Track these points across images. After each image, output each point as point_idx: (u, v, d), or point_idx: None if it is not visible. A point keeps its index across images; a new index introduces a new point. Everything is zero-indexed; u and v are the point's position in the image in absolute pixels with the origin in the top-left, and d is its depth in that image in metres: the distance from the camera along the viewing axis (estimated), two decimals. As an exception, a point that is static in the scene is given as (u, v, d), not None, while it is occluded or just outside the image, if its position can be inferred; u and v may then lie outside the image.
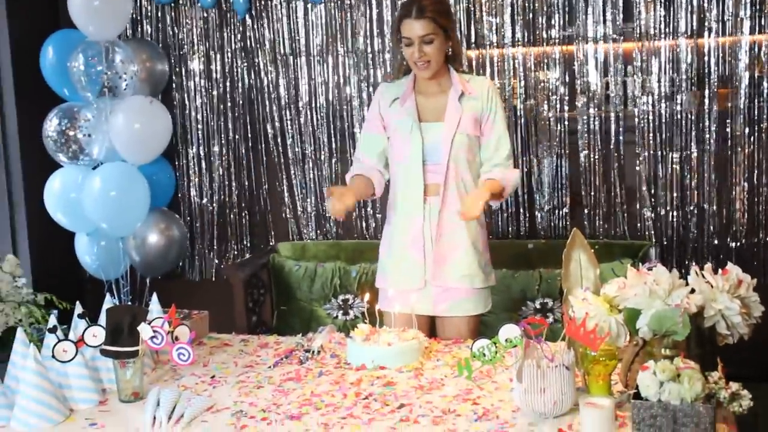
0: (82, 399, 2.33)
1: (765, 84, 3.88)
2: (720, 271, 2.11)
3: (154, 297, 2.75)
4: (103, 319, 2.46)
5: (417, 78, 2.95)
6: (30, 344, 2.32)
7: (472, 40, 4.12)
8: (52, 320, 2.44)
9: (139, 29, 4.52)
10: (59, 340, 2.34)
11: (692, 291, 2.04)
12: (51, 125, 3.98)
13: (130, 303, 4.24)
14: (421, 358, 2.53)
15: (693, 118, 3.94)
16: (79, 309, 2.51)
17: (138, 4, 4.47)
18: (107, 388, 2.43)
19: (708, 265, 2.13)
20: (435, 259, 2.92)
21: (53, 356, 2.32)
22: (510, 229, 4.18)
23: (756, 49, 3.86)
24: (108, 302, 2.60)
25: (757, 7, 3.82)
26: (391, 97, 2.98)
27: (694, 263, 3.86)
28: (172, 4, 4.45)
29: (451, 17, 2.90)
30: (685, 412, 1.81)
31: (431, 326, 3.02)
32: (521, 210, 4.16)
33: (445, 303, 2.94)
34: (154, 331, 2.38)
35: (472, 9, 4.09)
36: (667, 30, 3.92)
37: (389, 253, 3.03)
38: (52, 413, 2.21)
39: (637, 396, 1.89)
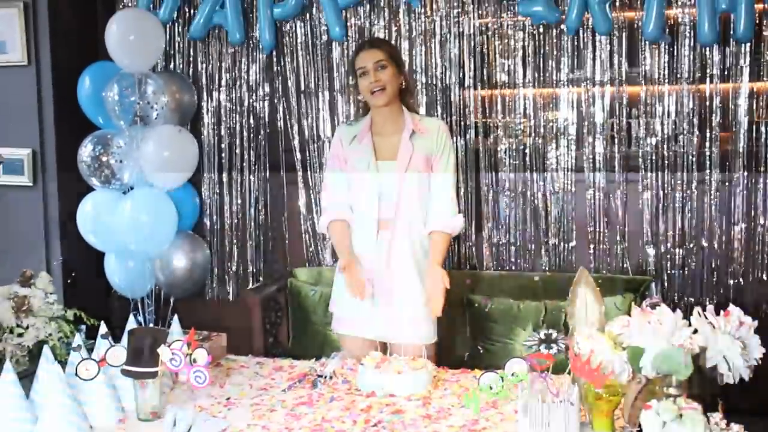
0: (102, 417, 2.28)
1: (763, 129, 3.80)
2: (722, 312, 2.03)
3: (175, 318, 2.70)
4: (125, 339, 2.41)
5: (373, 119, 2.99)
6: (54, 362, 2.28)
7: (485, 80, 4.07)
8: (77, 339, 2.41)
9: (172, 62, 4.49)
10: (82, 359, 2.30)
11: (695, 331, 1.97)
12: (86, 151, 3.95)
13: (154, 321, 4.19)
14: (429, 386, 2.46)
15: (694, 159, 3.87)
16: (103, 329, 2.47)
17: (171, 38, 4.45)
18: (126, 406, 2.38)
19: (710, 307, 2.06)
20: (384, 290, 2.92)
21: (76, 374, 2.28)
22: (517, 261, 4.10)
23: (755, 96, 3.79)
24: (131, 323, 2.55)
25: (756, 56, 3.75)
26: (350, 136, 3.01)
27: (696, 302, 3.82)
28: (204, 40, 4.42)
29: (400, 55, 3.12)
30: (687, 453, 1.74)
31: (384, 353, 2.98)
32: (529, 243, 4.09)
33: (393, 330, 2.92)
34: (173, 354, 2.33)
35: (486, 52, 4.05)
36: (670, 75, 3.86)
37: (342, 280, 3.01)
38: (72, 430, 2.16)
39: (640, 434, 1.82)
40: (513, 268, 4.10)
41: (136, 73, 3.92)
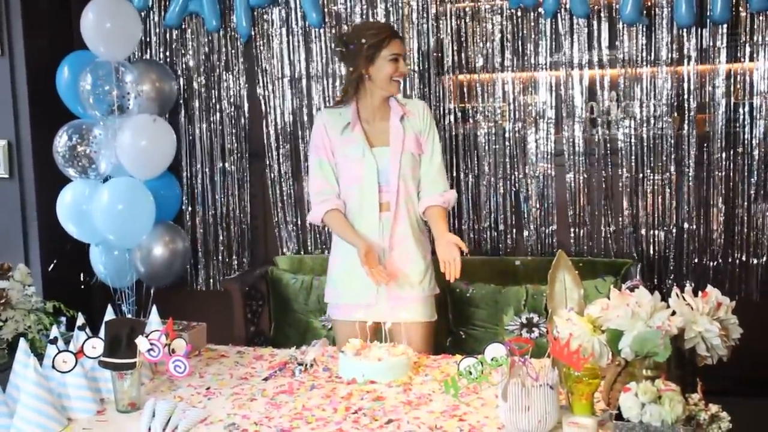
0: (80, 409, 2.26)
1: (741, 110, 3.81)
2: (700, 293, 2.02)
3: (154, 309, 2.67)
4: (103, 331, 2.38)
5: (361, 106, 2.98)
6: (30, 355, 2.24)
7: (464, 64, 4.04)
8: (54, 331, 2.37)
9: (149, 51, 4.43)
10: (59, 351, 2.27)
11: (673, 313, 1.96)
12: (61, 141, 3.90)
13: (135, 311, 4.16)
14: (410, 372, 2.45)
15: (673, 141, 3.87)
16: (80, 321, 2.44)
17: (149, 27, 4.39)
18: (105, 398, 2.36)
19: (688, 288, 2.05)
20: (388, 272, 2.88)
21: (53, 366, 2.25)
22: (499, 246, 4.09)
23: (732, 77, 3.79)
24: (109, 314, 2.52)
25: (733, 38, 3.76)
26: (341, 123, 2.98)
27: (674, 284, 3.82)
28: (181, 28, 4.37)
29: None
30: (665, 434, 1.73)
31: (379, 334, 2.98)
32: (510, 228, 4.08)
33: (397, 311, 2.89)
34: (151, 344, 2.31)
35: (465, 36, 4.02)
36: (648, 58, 3.85)
37: (342, 269, 3.03)
38: (49, 422, 2.14)
39: (619, 416, 1.81)
40: (494, 252, 4.09)
41: (112, 62, 3.86)
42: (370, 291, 2.93)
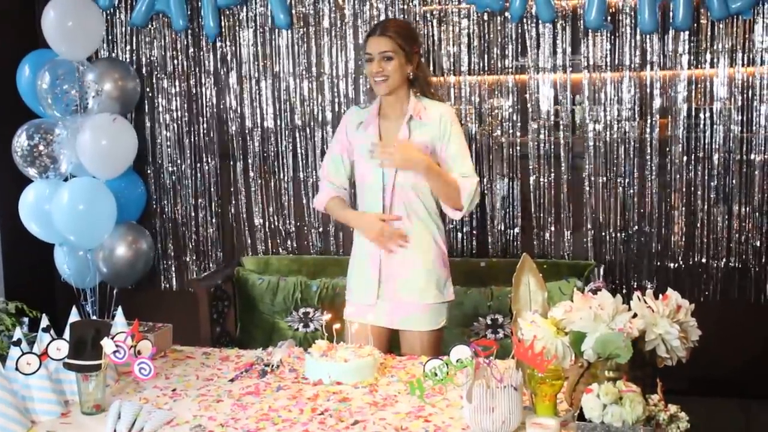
0: (44, 411, 2.23)
1: (701, 115, 3.88)
2: (660, 296, 2.06)
3: (119, 310, 2.65)
4: (67, 333, 2.36)
5: (382, 102, 2.91)
6: (-7, 357, 2.23)
7: (431, 67, 4.07)
8: (17, 333, 2.34)
9: (116, 49, 4.40)
10: (23, 353, 2.24)
11: (634, 315, 2.00)
12: (20, 141, 3.85)
13: (98, 312, 4.12)
14: (376, 374, 2.46)
15: (636, 145, 3.94)
16: (44, 322, 2.41)
17: (113, 26, 4.36)
18: (70, 399, 2.33)
19: (649, 291, 2.09)
20: (387, 276, 2.88)
21: (17, 368, 2.22)
22: (464, 247, 4.13)
23: (693, 83, 3.87)
24: (74, 315, 2.50)
25: (694, 44, 3.83)
26: (357, 121, 2.93)
27: (636, 285, 3.89)
28: (148, 27, 4.34)
29: (413, 42, 2.87)
30: (626, 434, 1.77)
31: (392, 339, 2.96)
32: (474, 229, 4.12)
33: (398, 317, 2.89)
34: (117, 346, 2.29)
35: (432, 39, 4.05)
36: (612, 63, 3.91)
37: (352, 267, 3.02)
38: (12, 425, 2.12)
39: (582, 417, 1.84)
40: (459, 254, 4.13)
41: (74, 61, 3.83)
42: (372, 292, 2.89)
